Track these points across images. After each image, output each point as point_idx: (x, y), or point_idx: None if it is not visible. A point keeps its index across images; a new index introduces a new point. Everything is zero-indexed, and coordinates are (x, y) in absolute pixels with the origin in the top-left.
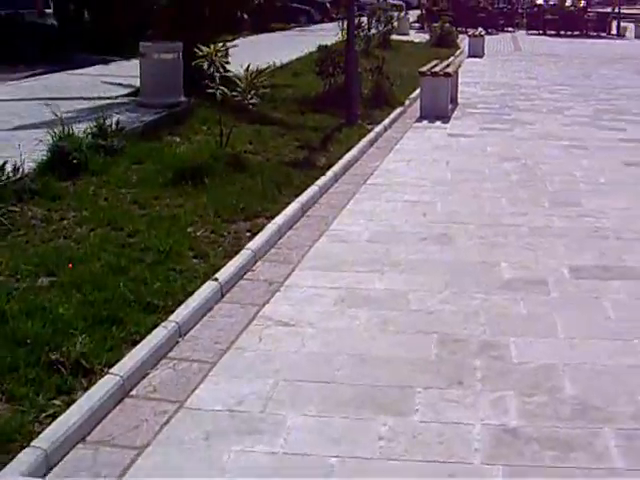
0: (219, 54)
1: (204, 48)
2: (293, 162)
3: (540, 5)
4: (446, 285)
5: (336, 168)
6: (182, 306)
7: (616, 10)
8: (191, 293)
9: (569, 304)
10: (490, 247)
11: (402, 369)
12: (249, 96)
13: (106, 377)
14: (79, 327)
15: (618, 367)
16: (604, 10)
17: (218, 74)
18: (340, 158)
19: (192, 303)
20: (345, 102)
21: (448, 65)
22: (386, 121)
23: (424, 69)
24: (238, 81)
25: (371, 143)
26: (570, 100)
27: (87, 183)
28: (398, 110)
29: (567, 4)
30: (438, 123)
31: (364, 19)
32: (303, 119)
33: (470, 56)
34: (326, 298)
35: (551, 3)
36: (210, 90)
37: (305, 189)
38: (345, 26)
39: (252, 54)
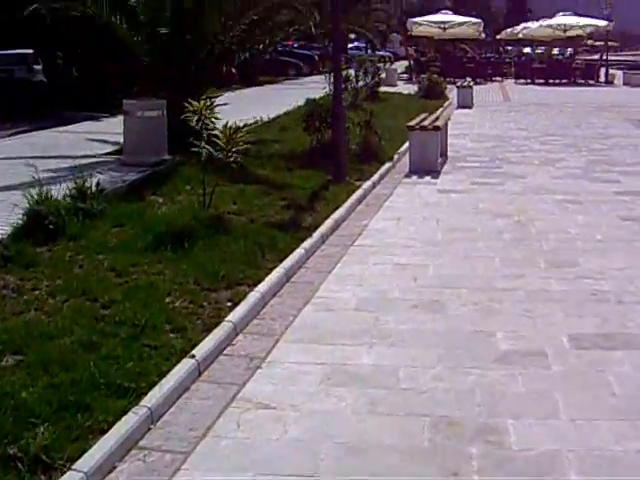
0: (208, 110)
1: (194, 103)
2: (278, 223)
3: (527, 54)
4: (439, 359)
5: (323, 229)
6: (155, 388)
7: (604, 57)
8: (166, 373)
9: (570, 379)
10: (484, 314)
11: (392, 458)
12: (229, 154)
13: (68, 474)
14: (42, 414)
15: (626, 453)
16: (592, 57)
17: (206, 132)
18: (327, 218)
19: (166, 384)
20: (333, 159)
21: (437, 118)
22: (375, 177)
23: (412, 123)
24: (218, 140)
25: (359, 201)
26: (562, 151)
27: (64, 248)
28: (387, 165)
29: (554, 52)
30: (428, 178)
31: (352, 71)
32: (290, 176)
33: (459, 107)
34: (310, 376)
35: (538, 51)
36: (195, 149)
37: (290, 253)
38: (332, 79)
39: (240, 108)
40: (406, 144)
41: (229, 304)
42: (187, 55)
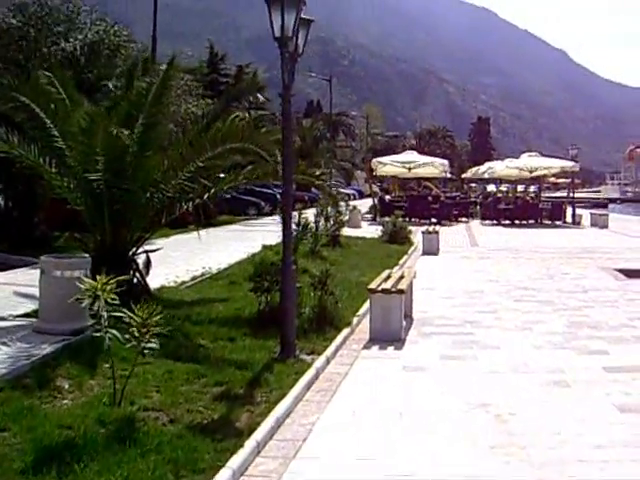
0: (109, 287)
1: (88, 281)
2: (205, 424)
3: (493, 192)
4: None
5: (260, 433)
6: None
7: (570, 195)
8: None
9: None
10: None
11: None
12: (145, 340)
13: None
14: None
15: None
16: (558, 195)
17: (107, 312)
18: (267, 414)
19: None
20: (280, 330)
21: (401, 277)
22: (329, 350)
23: (373, 285)
24: (133, 323)
25: (309, 385)
26: (538, 310)
27: None
28: (344, 332)
29: (519, 189)
30: (390, 350)
31: (311, 214)
32: (231, 349)
33: (424, 253)
34: None
35: (503, 188)
36: (97, 334)
37: (213, 475)
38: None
39: (192, 253)
40: (367, 304)
41: None
42: (122, 204)
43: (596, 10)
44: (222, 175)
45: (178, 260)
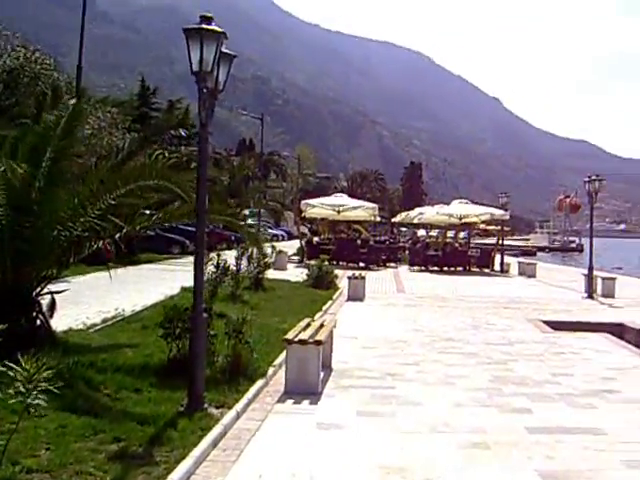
0: None
1: None
2: None
3: (422, 237)
4: None
5: None
6: None
7: (499, 243)
8: None
9: None
10: None
11: None
12: (32, 396)
13: None
14: None
15: None
16: (488, 242)
17: None
18: (165, 477)
19: None
20: (188, 381)
21: (321, 326)
22: (240, 404)
23: (290, 335)
24: (18, 377)
25: (215, 443)
26: (462, 363)
27: None
28: (259, 384)
29: (449, 234)
30: (305, 404)
31: (228, 255)
32: (135, 401)
33: (349, 299)
34: None
35: (433, 233)
36: None
37: None
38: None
39: (107, 293)
40: (284, 354)
41: None
42: (25, 242)
43: (529, 61)
44: (147, 212)
45: (91, 299)
